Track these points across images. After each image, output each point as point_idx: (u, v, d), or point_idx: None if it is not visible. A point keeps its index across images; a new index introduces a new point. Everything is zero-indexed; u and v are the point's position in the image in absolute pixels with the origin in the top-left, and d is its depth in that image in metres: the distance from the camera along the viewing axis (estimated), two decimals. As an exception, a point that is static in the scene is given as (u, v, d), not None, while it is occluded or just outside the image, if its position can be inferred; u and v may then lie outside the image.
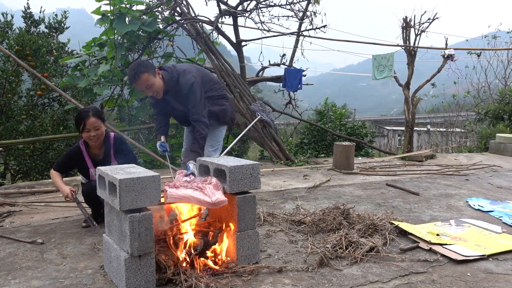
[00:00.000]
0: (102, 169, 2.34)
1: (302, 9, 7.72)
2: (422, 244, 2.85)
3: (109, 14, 5.66)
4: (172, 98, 3.38)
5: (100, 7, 5.64)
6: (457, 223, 3.43)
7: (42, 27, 8.25)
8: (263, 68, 8.45)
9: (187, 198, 2.28)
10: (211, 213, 2.74)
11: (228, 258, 2.55)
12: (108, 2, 5.49)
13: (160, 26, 6.53)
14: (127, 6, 5.76)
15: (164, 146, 3.47)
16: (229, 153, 3.03)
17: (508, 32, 14.36)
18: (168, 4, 6.62)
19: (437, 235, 3.03)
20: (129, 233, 2.09)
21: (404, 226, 3.13)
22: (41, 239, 2.98)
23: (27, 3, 8.12)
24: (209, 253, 2.49)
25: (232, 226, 2.52)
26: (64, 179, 3.47)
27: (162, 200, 2.29)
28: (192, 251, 2.39)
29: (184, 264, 2.35)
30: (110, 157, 3.37)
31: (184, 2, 6.75)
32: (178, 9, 6.79)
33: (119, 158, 3.39)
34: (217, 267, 2.43)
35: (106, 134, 3.35)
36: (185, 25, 6.75)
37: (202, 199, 2.28)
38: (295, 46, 8.07)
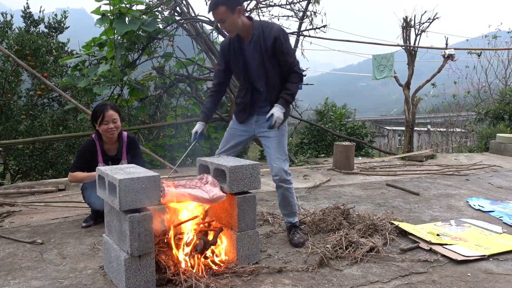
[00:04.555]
0: (102, 169, 2.34)
1: (302, 9, 7.70)
2: (422, 244, 2.84)
3: (109, 14, 5.66)
4: (255, 50, 2.85)
5: (100, 7, 5.64)
6: (458, 223, 3.42)
7: (41, 27, 8.24)
8: (263, 68, 8.43)
9: (185, 195, 2.28)
10: (211, 213, 2.73)
11: (228, 258, 2.54)
12: (108, 2, 5.48)
13: (160, 26, 6.52)
14: (127, 6, 5.75)
15: (200, 136, 2.94)
16: (229, 153, 3.00)
17: (508, 32, 14.37)
18: (168, 4, 6.61)
19: (438, 235, 3.02)
20: (129, 233, 2.08)
21: (404, 226, 3.13)
22: (41, 239, 2.98)
23: (27, 3, 8.11)
24: (209, 253, 2.49)
25: (232, 226, 2.51)
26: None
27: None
28: (192, 251, 2.38)
29: (184, 264, 2.34)
30: (122, 154, 3.40)
31: (184, 2, 6.74)
32: (178, 9, 6.79)
33: (130, 158, 3.41)
34: (217, 267, 2.43)
35: (119, 132, 3.37)
36: (185, 25, 6.75)
37: (199, 196, 2.29)
38: (295, 46, 8.05)
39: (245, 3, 7.26)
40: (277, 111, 2.75)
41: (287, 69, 2.85)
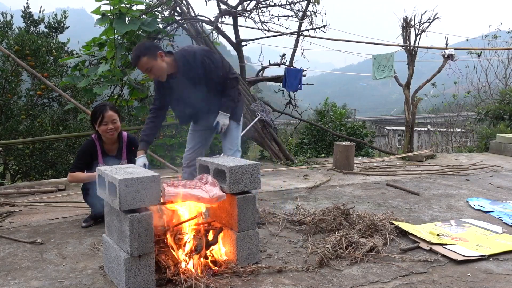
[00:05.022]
0: (102, 169, 2.34)
1: (302, 9, 7.71)
2: (422, 244, 2.84)
3: (109, 14, 5.66)
4: (186, 79, 3.05)
5: (100, 7, 5.64)
6: (458, 223, 3.42)
7: (41, 27, 8.24)
8: (263, 68, 8.45)
9: (185, 195, 2.28)
10: (211, 213, 2.74)
11: (228, 258, 2.54)
12: (108, 2, 5.49)
13: (160, 26, 6.52)
14: (127, 6, 5.75)
15: (149, 167, 3.00)
16: (229, 153, 3.02)
17: (508, 32, 14.35)
18: (168, 4, 6.61)
19: (438, 235, 3.02)
20: (129, 233, 2.08)
21: (404, 226, 3.12)
22: (41, 239, 2.98)
23: (27, 3, 8.11)
24: (209, 253, 2.49)
25: (232, 226, 2.51)
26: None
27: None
28: (192, 251, 2.38)
29: (184, 265, 2.34)
30: (122, 154, 3.39)
31: (184, 2, 6.75)
32: (178, 9, 6.79)
33: (130, 158, 3.39)
34: (217, 267, 2.43)
35: (119, 132, 3.36)
36: (185, 25, 6.75)
37: (200, 196, 2.29)
38: (295, 46, 8.06)
39: (245, 3, 7.27)
40: (221, 118, 3.11)
41: (222, 79, 3.11)
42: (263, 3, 7.32)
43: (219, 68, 3.10)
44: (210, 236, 2.49)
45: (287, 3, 7.53)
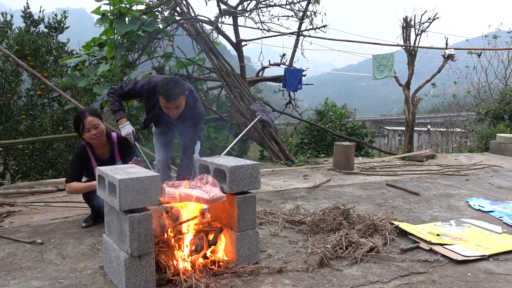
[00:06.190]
0: (102, 169, 2.34)
1: (302, 9, 7.72)
2: (422, 244, 2.84)
3: (109, 14, 5.66)
4: (179, 118, 3.35)
5: (100, 7, 5.64)
6: (458, 223, 3.42)
7: (41, 27, 8.25)
8: (263, 68, 8.45)
9: (185, 196, 2.28)
10: (211, 213, 2.73)
11: (228, 258, 2.54)
12: (108, 2, 5.49)
13: (160, 26, 6.52)
14: (127, 6, 5.75)
15: (134, 133, 3.39)
16: (229, 153, 3.01)
17: (508, 32, 14.33)
18: (168, 4, 6.61)
19: (438, 235, 3.02)
20: (129, 233, 2.08)
21: (404, 226, 3.13)
22: (41, 239, 2.98)
23: (27, 3, 8.11)
24: (209, 253, 2.49)
25: (232, 226, 2.51)
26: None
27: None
28: (192, 251, 2.38)
29: (184, 265, 2.34)
30: (115, 156, 3.37)
31: (184, 2, 6.75)
32: (178, 9, 6.79)
33: (124, 159, 3.37)
34: (217, 267, 2.43)
35: (108, 134, 3.33)
36: (185, 25, 6.75)
37: (200, 196, 2.29)
38: (295, 46, 8.07)
39: (245, 3, 7.27)
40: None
41: (190, 144, 3.45)
42: (263, 3, 7.33)
43: (196, 115, 3.47)
44: (210, 236, 2.48)
45: (287, 3, 7.53)
